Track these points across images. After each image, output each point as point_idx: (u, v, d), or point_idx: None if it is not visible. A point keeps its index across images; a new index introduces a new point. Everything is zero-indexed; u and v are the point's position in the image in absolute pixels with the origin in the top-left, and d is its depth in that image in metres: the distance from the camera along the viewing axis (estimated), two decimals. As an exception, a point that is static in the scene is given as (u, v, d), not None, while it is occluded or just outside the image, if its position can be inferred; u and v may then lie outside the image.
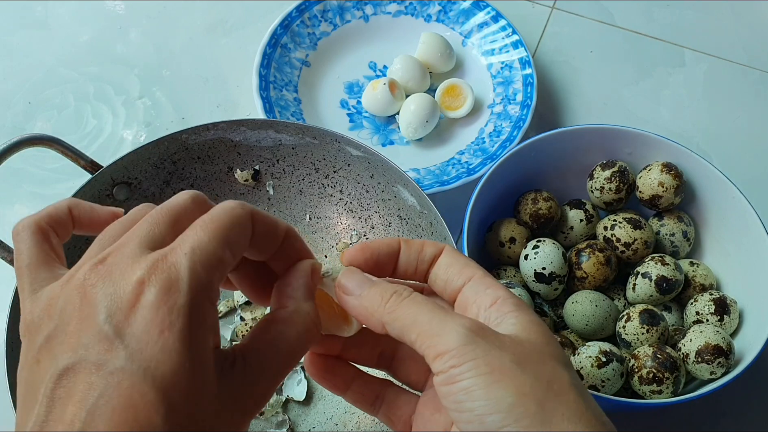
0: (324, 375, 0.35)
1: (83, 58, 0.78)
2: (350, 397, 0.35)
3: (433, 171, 0.69)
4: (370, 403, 0.35)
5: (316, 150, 0.61)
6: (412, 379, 0.35)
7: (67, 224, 0.33)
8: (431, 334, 0.29)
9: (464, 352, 0.27)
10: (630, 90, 0.78)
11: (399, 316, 0.30)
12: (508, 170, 0.60)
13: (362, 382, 0.35)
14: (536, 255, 0.57)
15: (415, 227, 0.59)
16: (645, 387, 0.52)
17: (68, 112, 0.74)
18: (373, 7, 0.78)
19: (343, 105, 0.74)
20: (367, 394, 0.35)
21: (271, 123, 0.60)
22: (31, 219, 0.32)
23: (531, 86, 0.72)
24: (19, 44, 0.79)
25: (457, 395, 0.27)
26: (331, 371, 0.35)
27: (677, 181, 0.59)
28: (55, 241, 0.32)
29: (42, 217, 0.32)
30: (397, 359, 0.35)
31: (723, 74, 0.80)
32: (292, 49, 0.74)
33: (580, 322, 0.56)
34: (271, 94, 0.70)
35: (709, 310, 0.56)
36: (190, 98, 0.76)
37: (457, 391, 0.27)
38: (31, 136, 0.53)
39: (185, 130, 0.58)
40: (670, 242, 0.61)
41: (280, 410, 0.57)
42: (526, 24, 0.80)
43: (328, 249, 0.63)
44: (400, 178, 0.58)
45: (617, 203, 0.62)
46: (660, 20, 0.83)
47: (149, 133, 0.73)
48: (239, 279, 0.34)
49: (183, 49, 0.79)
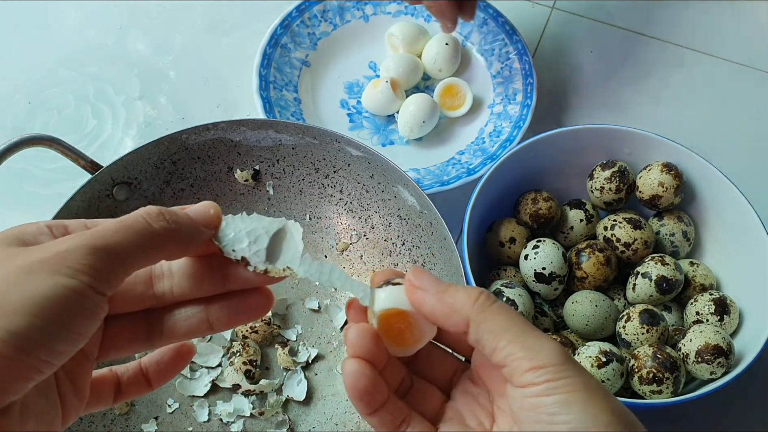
0: (370, 392, 0.32)
1: (83, 58, 0.78)
2: (380, 418, 0.33)
3: (433, 171, 0.69)
4: (397, 426, 0.34)
5: (316, 150, 0.61)
6: (428, 410, 0.35)
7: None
8: (527, 347, 0.30)
9: (562, 370, 0.29)
10: (630, 90, 0.78)
11: (489, 318, 0.31)
12: (508, 170, 0.60)
13: (393, 404, 0.34)
14: (536, 255, 0.57)
15: (415, 227, 0.59)
16: (645, 387, 0.52)
17: (68, 112, 0.74)
18: (373, 7, 0.78)
19: (343, 105, 0.74)
20: (397, 415, 0.34)
21: (271, 123, 0.60)
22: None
23: (531, 86, 0.72)
24: (19, 44, 0.79)
25: (552, 407, 0.29)
26: (376, 389, 0.33)
27: (677, 181, 0.59)
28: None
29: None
30: (414, 390, 0.35)
31: (723, 74, 0.80)
32: (292, 49, 0.74)
33: (580, 322, 0.56)
34: (271, 94, 0.70)
35: (709, 310, 0.56)
36: (190, 98, 0.76)
37: (552, 403, 0.29)
38: (31, 136, 0.53)
39: (185, 130, 0.58)
40: (670, 242, 0.61)
41: (280, 410, 0.57)
42: (526, 24, 0.80)
43: (328, 249, 0.63)
44: (400, 178, 0.58)
45: (617, 203, 0.62)
46: (660, 20, 0.83)
47: (149, 133, 0.73)
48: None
49: (183, 49, 0.79)
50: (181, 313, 0.34)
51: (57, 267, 0.27)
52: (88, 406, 0.33)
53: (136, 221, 0.30)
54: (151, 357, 0.35)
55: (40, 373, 0.26)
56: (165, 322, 0.34)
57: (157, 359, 0.35)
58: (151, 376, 0.35)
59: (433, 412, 0.35)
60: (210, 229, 0.33)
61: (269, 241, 0.33)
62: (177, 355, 0.35)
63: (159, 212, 0.31)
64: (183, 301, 0.34)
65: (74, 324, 0.27)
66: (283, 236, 0.34)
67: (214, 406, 0.58)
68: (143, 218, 0.30)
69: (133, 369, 0.35)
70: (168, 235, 0.30)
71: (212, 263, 0.34)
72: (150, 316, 0.34)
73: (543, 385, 0.29)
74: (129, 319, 0.33)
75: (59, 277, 0.27)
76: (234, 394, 0.58)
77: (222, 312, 0.34)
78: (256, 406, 0.57)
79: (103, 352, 0.33)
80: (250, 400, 0.57)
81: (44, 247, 0.28)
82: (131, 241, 0.29)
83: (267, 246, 0.33)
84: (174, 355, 0.35)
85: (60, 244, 0.28)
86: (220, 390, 0.58)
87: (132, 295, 0.33)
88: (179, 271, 0.34)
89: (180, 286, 0.33)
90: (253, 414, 0.57)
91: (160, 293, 0.33)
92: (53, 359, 0.27)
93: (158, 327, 0.34)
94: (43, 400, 0.29)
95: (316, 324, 0.61)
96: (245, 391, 0.57)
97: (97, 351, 0.32)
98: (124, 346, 0.33)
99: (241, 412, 0.57)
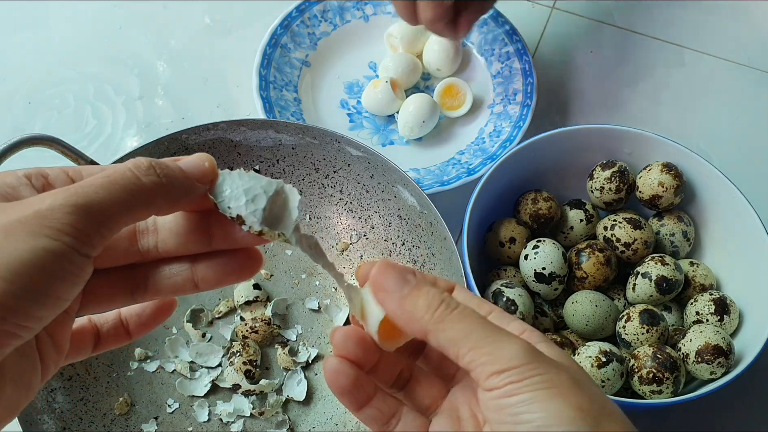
0: (350, 390, 0.32)
1: (83, 58, 0.78)
2: (367, 414, 0.33)
3: (433, 171, 0.69)
4: (385, 422, 0.33)
5: (316, 150, 0.61)
6: (425, 404, 0.34)
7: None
8: (487, 352, 0.29)
9: (526, 370, 0.28)
10: (630, 90, 0.78)
11: (448, 327, 0.30)
12: (508, 170, 0.60)
13: (381, 399, 0.33)
14: (536, 255, 0.57)
15: (415, 227, 0.59)
16: (645, 387, 0.52)
17: (68, 112, 0.74)
18: (373, 7, 0.78)
19: (343, 105, 0.74)
20: (385, 411, 0.33)
21: (271, 123, 0.60)
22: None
23: (531, 86, 0.72)
24: (19, 44, 0.79)
25: (515, 407, 0.28)
26: (357, 386, 0.32)
27: (677, 181, 0.59)
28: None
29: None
30: (413, 381, 0.35)
31: (723, 74, 0.80)
32: (292, 49, 0.74)
33: (580, 322, 0.56)
34: (271, 94, 0.70)
35: (709, 310, 0.56)
36: (190, 98, 0.76)
37: (515, 403, 0.28)
38: (31, 136, 0.53)
39: (185, 130, 0.58)
40: (670, 242, 0.61)
41: (280, 410, 0.57)
42: (526, 24, 0.80)
43: (328, 249, 0.63)
44: (400, 178, 0.58)
45: (617, 203, 0.62)
46: (660, 20, 0.83)
47: (149, 133, 0.73)
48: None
49: (183, 49, 0.79)
50: (166, 270, 0.32)
51: (37, 228, 0.25)
52: (67, 357, 0.32)
53: (123, 176, 0.28)
54: (131, 309, 0.34)
55: (18, 338, 0.25)
56: (149, 278, 0.32)
57: (138, 312, 0.34)
58: (132, 328, 0.34)
59: (431, 405, 0.34)
60: (204, 184, 0.31)
61: (267, 202, 0.31)
62: (159, 308, 0.34)
63: (149, 165, 0.29)
64: (169, 257, 0.32)
65: (55, 288, 0.26)
66: (279, 199, 0.32)
67: (214, 406, 0.58)
68: (131, 172, 0.28)
69: (113, 320, 0.34)
70: (158, 190, 0.29)
71: (200, 221, 0.32)
72: (134, 272, 0.32)
73: (505, 388, 0.28)
74: (112, 274, 0.32)
75: (39, 239, 0.25)
76: (234, 394, 0.58)
77: (208, 271, 0.32)
78: (256, 406, 0.57)
79: (84, 306, 0.31)
80: (250, 400, 0.58)
81: (24, 205, 0.26)
82: (118, 197, 0.27)
83: (265, 206, 0.31)
84: (156, 309, 0.34)
85: (41, 201, 0.26)
86: (220, 390, 0.58)
87: (115, 250, 0.32)
88: (165, 227, 0.32)
89: (165, 243, 0.32)
90: (253, 414, 0.57)
91: (144, 249, 0.32)
92: (32, 324, 0.26)
93: (142, 283, 0.32)
94: (23, 359, 0.28)
95: (316, 324, 0.61)
96: (245, 391, 0.57)
97: (78, 306, 0.31)
98: (106, 302, 0.32)
99: (241, 412, 0.57)
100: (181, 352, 0.59)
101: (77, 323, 0.33)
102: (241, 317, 0.61)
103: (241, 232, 0.31)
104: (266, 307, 0.61)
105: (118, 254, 0.32)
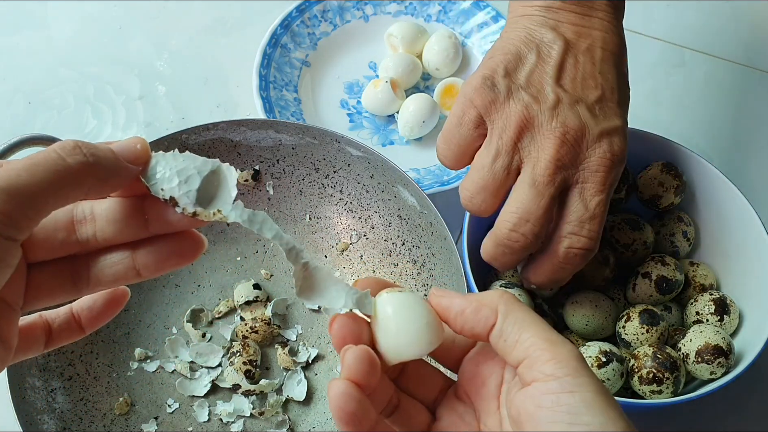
0: (356, 416, 0.31)
1: (83, 58, 0.78)
2: None
3: (433, 171, 0.69)
4: None
5: (316, 150, 0.61)
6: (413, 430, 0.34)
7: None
8: (549, 340, 0.31)
9: (580, 368, 0.30)
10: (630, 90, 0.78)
11: (515, 311, 0.32)
12: (508, 170, 0.60)
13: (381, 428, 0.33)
14: (536, 255, 0.57)
15: (415, 227, 0.59)
16: (645, 387, 0.52)
17: (68, 112, 0.74)
18: (373, 7, 0.78)
19: (343, 105, 0.74)
20: None
21: (271, 123, 0.60)
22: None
23: (531, 86, 0.71)
24: (19, 44, 0.79)
25: (578, 406, 0.29)
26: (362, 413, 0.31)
27: (677, 181, 0.59)
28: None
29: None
30: (401, 409, 0.35)
31: (723, 74, 0.80)
32: (292, 49, 0.74)
33: (580, 322, 0.56)
34: (271, 94, 0.70)
35: (709, 310, 0.56)
36: (190, 98, 0.76)
37: (576, 403, 0.29)
38: (31, 136, 0.53)
39: (185, 130, 0.58)
40: (670, 242, 0.60)
41: (280, 410, 0.57)
42: (526, 24, 0.80)
43: (328, 249, 0.63)
44: (400, 178, 0.58)
45: (617, 203, 0.62)
46: (660, 20, 0.83)
47: (149, 133, 0.73)
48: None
49: (183, 49, 0.79)
50: (106, 259, 0.32)
51: None
52: (18, 354, 0.31)
53: (46, 157, 0.28)
54: (82, 302, 0.34)
55: None
56: (91, 268, 0.32)
57: (90, 304, 0.34)
58: (84, 321, 0.34)
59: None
60: (136, 166, 0.31)
61: (201, 182, 0.31)
62: (110, 300, 0.34)
63: (74, 145, 0.29)
64: (109, 246, 0.32)
65: None
66: (215, 179, 0.32)
67: (214, 406, 0.58)
68: (56, 153, 0.28)
69: (65, 314, 0.34)
70: (85, 170, 0.28)
71: (136, 206, 0.32)
72: (75, 263, 0.32)
73: (564, 379, 0.29)
74: (53, 266, 0.32)
75: None
76: (234, 394, 0.58)
77: (149, 258, 0.32)
78: (256, 406, 0.57)
79: (28, 301, 0.31)
80: (250, 400, 0.58)
81: None
82: (42, 179, 0.27)
83: (198, 187, 0.31)
84: (106, 301, 0.34)
85: None
86: (220, 390, 0.58)
87: (54, 241, 0.31)
88: (101, 215, 0.32)
89: (103, 231, 0.32)
90: (253, 414, 0.57)
91: (83, 239, 0.32)
92: None
93: (84, 274, 0.32)
94: None
95: (316, 324, 0.61)
96: (245, 391, 0.57)
97: (22, 301, 0.31)
98: (49, 295, 0.32)
99: (241, 412, 0.57)
100: (181, 352, 0.59)
101: (27, 320, 0.33)
102: (241, 317, 0.61)
103: (175, 214, 0.31)
104: (266, 307, 0.61)
105: (56, 245, 0.32)
